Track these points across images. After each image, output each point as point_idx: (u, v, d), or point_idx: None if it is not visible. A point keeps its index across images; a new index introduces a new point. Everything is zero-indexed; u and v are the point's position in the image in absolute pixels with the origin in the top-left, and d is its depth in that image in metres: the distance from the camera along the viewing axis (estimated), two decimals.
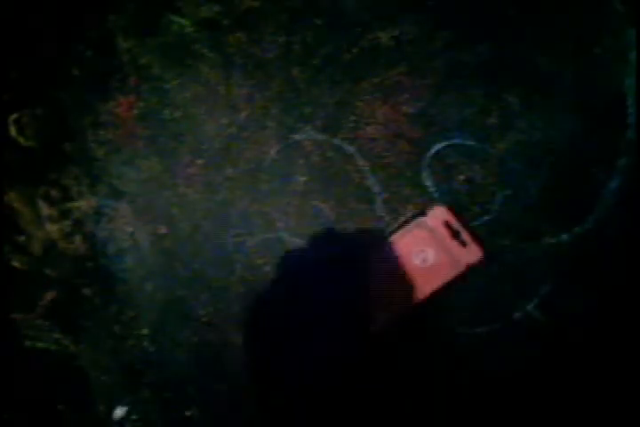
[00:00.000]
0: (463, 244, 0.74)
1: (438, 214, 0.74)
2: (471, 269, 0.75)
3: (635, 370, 0.76)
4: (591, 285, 0.77)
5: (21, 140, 0.82)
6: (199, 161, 0.80)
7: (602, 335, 0.78)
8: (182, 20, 0.79)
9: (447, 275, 0.75)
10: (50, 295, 0.83)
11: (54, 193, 0.83)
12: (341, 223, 0.79)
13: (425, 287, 0.74)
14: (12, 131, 0.82)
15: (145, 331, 0.82)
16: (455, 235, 0.74)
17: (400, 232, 0.75)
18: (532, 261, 0.77)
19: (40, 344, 0.84)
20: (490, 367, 0.79)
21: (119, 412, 0.83)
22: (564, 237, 0.76)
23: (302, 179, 0.79)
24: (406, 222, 0.76)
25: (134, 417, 0.83)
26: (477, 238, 0.75)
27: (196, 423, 0.82)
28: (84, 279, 0.83)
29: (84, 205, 0.82)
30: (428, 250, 0.73)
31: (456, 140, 0.77)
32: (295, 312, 0.79)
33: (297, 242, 0.79)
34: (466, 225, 0.75)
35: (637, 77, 0.74)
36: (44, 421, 0.85)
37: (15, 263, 0.84)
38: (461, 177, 0.77)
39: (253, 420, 0.82)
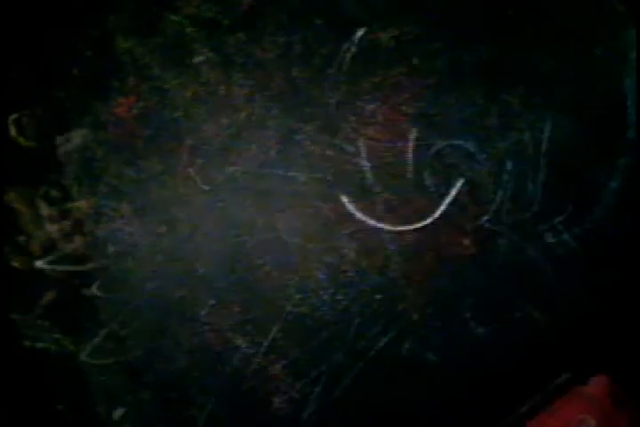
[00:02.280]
0: (628, 414, 0.70)
1: (600, 383, 0.72)
2: None
3: (635, 369, 0.76)
4: (591, 284, 0.77)
5: (21, 140, 0.82)
6: (199, 161, 0.80)
7: (602, 335, 0.78)
8: (182, 20, 0.79)
9: None
10: (50, 295, 0.83)
11: (54, 193, 0.83)
12: (342, 223, 0.79)
13: None
14: (12, 131, 0.82)
15: (145, 331, 0.82)
16: (619, 404, 0.71)
17: (557, 403, 0.73)
18: (531, 261, 0.77)
19: (40, 344, 0.84)
20: (490, 367, 0.79)
21: (118, 412, 0.83)
22: (564, 237, 0.76)
23: (302, 179, 0.79)
24: (560, 389, 0.74)
25: (134, 417, 0.83)
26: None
27: (196, 423, 0.82)
28: (83, 279, 0.83)
29: (83, 205, 0.82)
30: (590, 420, 0.70)
31: (456, 141, 0.77)
32: None
33: (297, 242, 0.79)
34: (628, 395, 0.72)
35: (637, 77, 0.74)
36: (44, 421, 0.85)
37: (15, 263, 0.84)
38: (461, 177, 0.77)
39: (254, 420, 0.82)
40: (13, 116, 0.82)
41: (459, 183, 0.77)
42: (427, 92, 0.77)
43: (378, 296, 0.79)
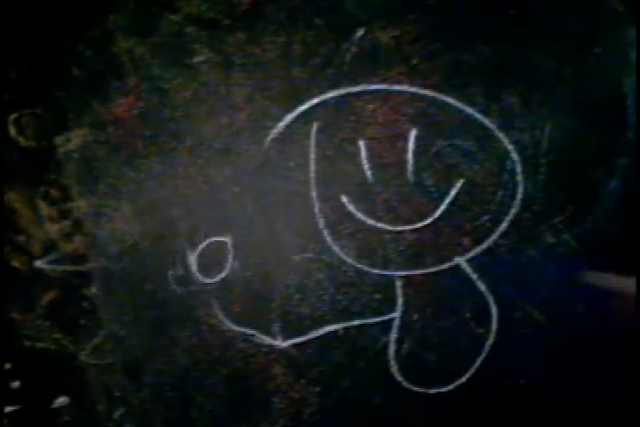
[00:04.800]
0: None
1: None
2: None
3: (634, 369, 0.76)
4: (591, 285, 0.77)
5: (21, 140, 0.82)
6: (199, 161, 0.80)
7: (601, 335, 0.78)
8: (182, 20, 0.79)
9: None
10: (50, 295, 0.83)
11: (54, 193, 0.83)
12: (342, 223, 0.79)
13: None
14: (12, 131, 0.82)
15: (145, 331, 0.82)
16: None
17: None
18: (531, 261, 0.77)
19: (40, 344, 0.84)
20: (490, 367, 0.79)
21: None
22: (564, 237, 0.76)
23: (302, 179, 0.79)
24: None
25: (134, 417, 0.83)
26: None
27: (196, 423, 0.82)
28: (83, 279, 0.83)
29: (83, 205, 0.82)
30: None
31: (456, 141, 0.77)
32: None
33: (297, 242, 0.79)
34: None
35: (637, 77, 0.74)
36: (43, 420, 0.85)
37: (15, 263, 0.84)
38: (461, 177, 0.77)
39: (253, 420, 0.82)
40: (13, 116, 0.82)
41: (459, 183, 0.77)
42: (427, 91, 0.77)
43: (378, 296, 0.79)
